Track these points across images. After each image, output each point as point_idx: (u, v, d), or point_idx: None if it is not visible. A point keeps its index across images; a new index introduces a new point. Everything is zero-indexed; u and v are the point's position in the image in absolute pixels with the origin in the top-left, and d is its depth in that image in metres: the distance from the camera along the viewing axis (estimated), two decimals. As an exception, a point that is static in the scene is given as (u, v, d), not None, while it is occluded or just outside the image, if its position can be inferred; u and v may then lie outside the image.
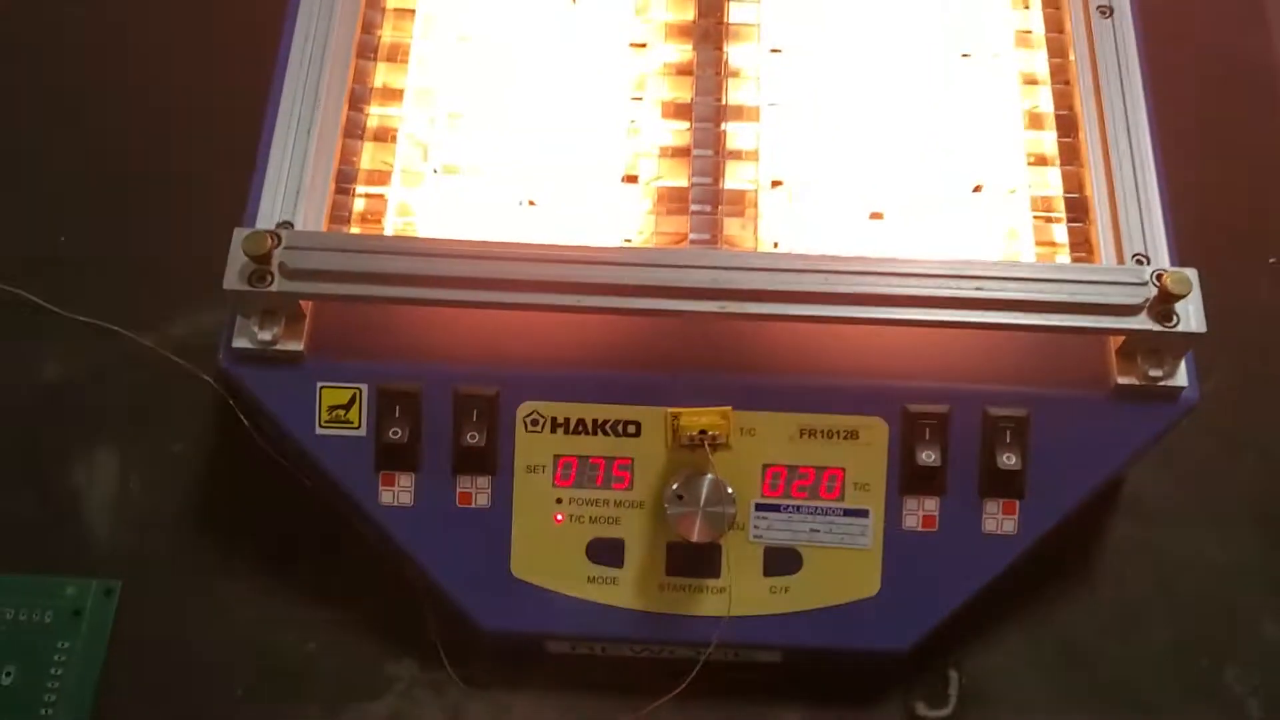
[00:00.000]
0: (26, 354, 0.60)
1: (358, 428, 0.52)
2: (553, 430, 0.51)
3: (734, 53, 0.58)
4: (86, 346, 0.60)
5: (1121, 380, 0.50)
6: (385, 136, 0.57)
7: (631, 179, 0.57)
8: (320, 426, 0.51)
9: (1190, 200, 0.60)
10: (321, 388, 0.52)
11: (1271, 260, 0.61)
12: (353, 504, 0.52)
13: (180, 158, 0.65)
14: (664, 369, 0.52)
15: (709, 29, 0.58)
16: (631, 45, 0.59)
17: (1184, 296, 0.48)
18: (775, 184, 0.57)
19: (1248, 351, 0.59)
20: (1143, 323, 0.48)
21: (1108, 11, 0.56)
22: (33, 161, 0.66)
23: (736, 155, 0.56)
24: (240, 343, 0.51)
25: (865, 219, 0.56)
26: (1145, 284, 0.49)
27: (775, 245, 0.55)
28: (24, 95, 0.68)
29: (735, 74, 0.58)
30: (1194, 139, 0.64)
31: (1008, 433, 0.50)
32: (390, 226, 0.55)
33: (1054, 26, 0.58)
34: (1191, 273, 0.49)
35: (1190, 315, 0.49)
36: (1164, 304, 0.48)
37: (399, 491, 0.52)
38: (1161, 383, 0.50)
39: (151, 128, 0.66)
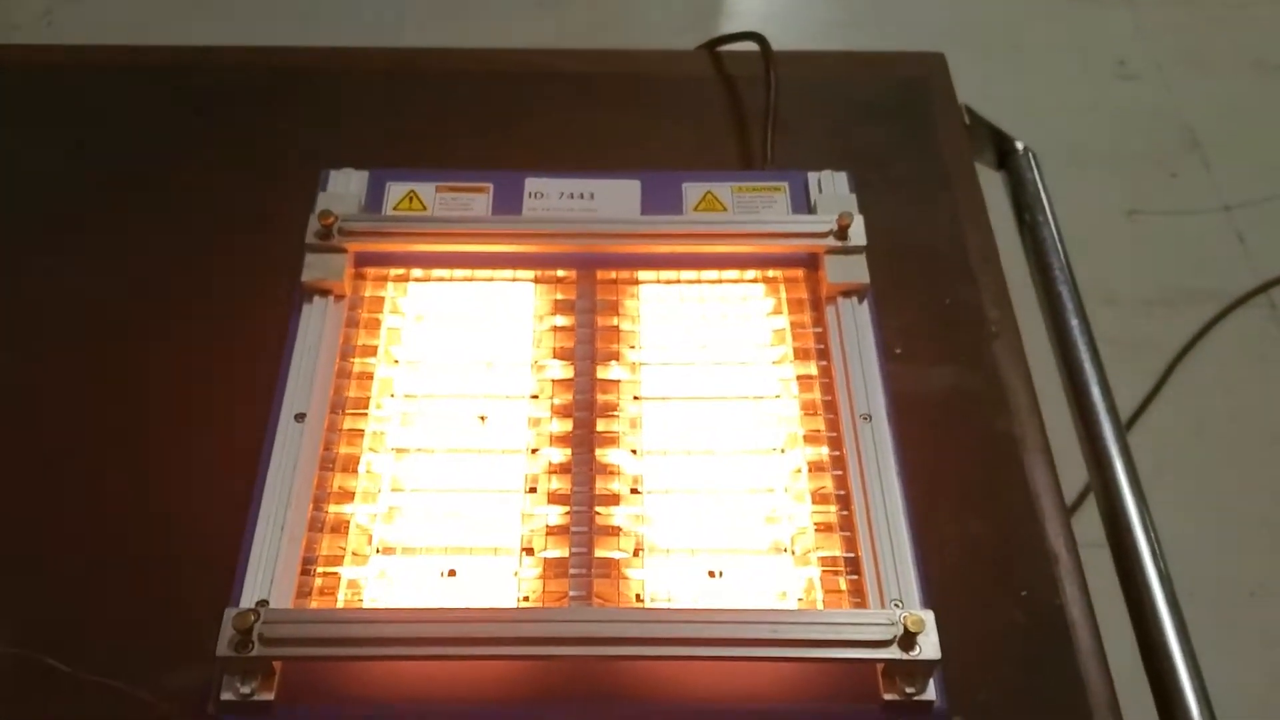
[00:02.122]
0: (42, 708, 0.74)
1: (317, 759, 0.66)
2: (473, 754, 0.66)
3: (603, 454, 0.78)
4: (94, 699, 0.74)
5: (887, 697, 0.66)
6: (339, 528, 0.74)
7: (529, 551, 0.74)
8: (287, 760, 0.66)
9: (962, 549, 0.80)
10: (288, 729, 0.67)
11: (1023, 593, 0.80)
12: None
13: (174, 543, 0.82)
14: (558, 700, 0.67)
15: (583, 437, 0.78)
16: (529, 450, 0.79)
17: (920, 633, 0.66)
18: (636, 551, 0.75)
19: (1009, 665, 0.76)
20: (894, 653, 0.65)
21: (868, 418, 0.77)
22: (45, 543, 0.82)
23: (605, 530, 0.74)
24: (227, 695, 0.66)
25: (705, 576, 0.74)
26: (895, 624, 0.66)
27: (637, 598, 0.73)
28: (42, 478, 0.85)
29: (604, 469, 0.77)
30: (966, 501, 0.83)
31: (812, 741, 0.66)
32: (342, 598, 0.72)
33: (831, 427, 0.78)
34: (927, 614, 0.66)
35: (927, 646, 0.66)
36: (909, 638, 0.65)
37: (351, 813, 0.66)
38: (915, 698, 0.66)
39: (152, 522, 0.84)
